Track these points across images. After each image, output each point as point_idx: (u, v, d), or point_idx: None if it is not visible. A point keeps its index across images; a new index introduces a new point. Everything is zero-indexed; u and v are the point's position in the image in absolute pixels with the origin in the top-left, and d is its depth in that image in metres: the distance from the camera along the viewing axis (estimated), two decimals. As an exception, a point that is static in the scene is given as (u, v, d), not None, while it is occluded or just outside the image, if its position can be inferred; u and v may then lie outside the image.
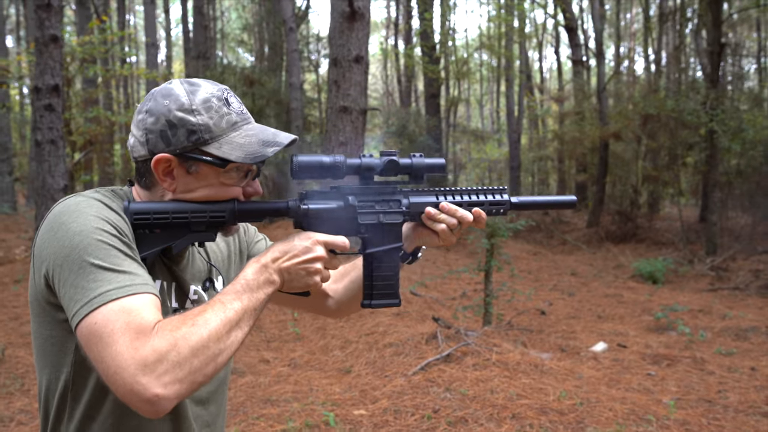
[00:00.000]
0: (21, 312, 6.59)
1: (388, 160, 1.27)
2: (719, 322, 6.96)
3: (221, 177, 1.23)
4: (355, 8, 8.60)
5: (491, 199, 1.37)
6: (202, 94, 1.22)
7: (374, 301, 1.32)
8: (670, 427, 3.99)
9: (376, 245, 1.30)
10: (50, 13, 8.19)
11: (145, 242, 1.18)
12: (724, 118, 11.41)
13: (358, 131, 9.00)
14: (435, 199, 1.34)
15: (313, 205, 1.25)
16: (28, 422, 4.17)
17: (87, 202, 1.14)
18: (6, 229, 14.53)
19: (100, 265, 1.05)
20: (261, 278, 1.14)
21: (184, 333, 1.01)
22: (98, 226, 1.09)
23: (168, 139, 1.20)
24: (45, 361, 1.21)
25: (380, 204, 1.29)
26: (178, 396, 0.99)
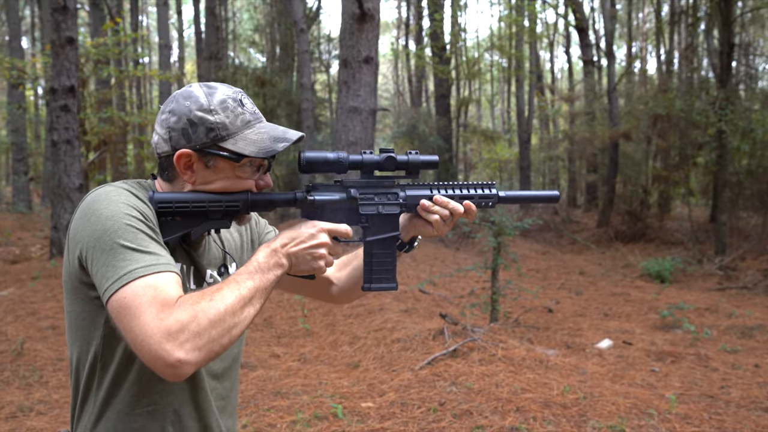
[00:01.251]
0: (38, 308, 6.75)
1: (387, 156, 1.40)
2: (725, 321, 7.01)
3: (236, 171, 1.36)
4: (365, 10, 8.72)
5: (480, 192, 1.49)
6: (219, 96, 1.36)
7: (373, 285, 1.45)
8: (671, 420, 4.06)
9: (376, 234, 1.43)
10: (66, 15, 8.38)
11: (167, 228, 1.32)
12: (732, 118, 11.42)
13: (367, 131, 9.12)
14: (429, 193, 1.46)
15: (318, 197, 1.38)
16: (46, 412, 4.31)
17: (116, 191, 1.27)
18: (22, 228, 14.77)
19: (128, 246, 1.18)
20: (271, 261, 1.27)
21: (203, 306, 1.14)
22: (127, 212, 1.22)
23: (189, 136, 1.33)
24: (76, 335, 1.34)
25: (379, 196, 1.42)
26: (197, 362, 1.12)
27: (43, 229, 14.40)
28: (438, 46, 17.23)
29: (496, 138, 21.93)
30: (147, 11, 36.56)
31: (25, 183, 17.84)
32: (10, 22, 17.49)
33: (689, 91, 14.59)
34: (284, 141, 1.36)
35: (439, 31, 17.65)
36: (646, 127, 14.65)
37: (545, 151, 24.11)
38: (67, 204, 8.58)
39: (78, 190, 8.68)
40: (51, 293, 7.35)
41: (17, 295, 7.32)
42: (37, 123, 25.70)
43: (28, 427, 4.05)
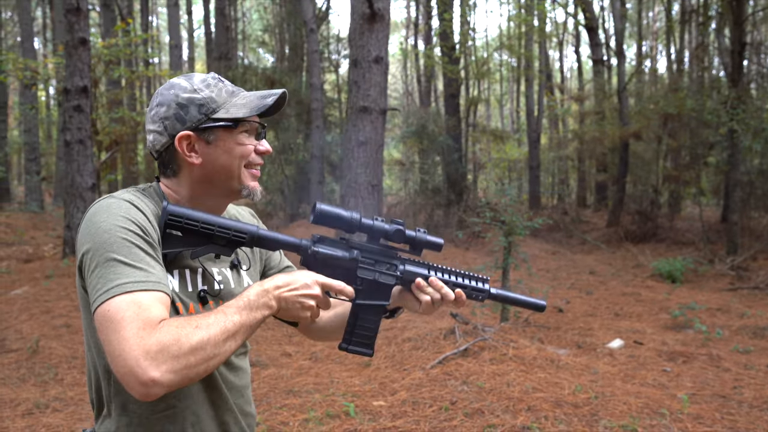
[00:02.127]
0: (52, 306, 6.82)
1: (397, 229, 1.43)
2: (737, 321, 6.99)
3: (235, 138, 1.40)
4: (375, 10, 8.74)
5: (473, 285, 1.51)
6: (198, 78, 1.42)
7: (351, 347, 1.48)
8: (683, 420, 4.06)
9: (366, 298, 1.45)
10: (79, 17, 8.45)
11: (171, 241, 1.34)
12: (744, 118, 11.36)
13: (377, 131, 9.13)
14: (426, 272, 1.48)
15: (322, 249, 1.41)
16: (62, 409, 4.36)
17: (117, 203, 1.29)
18: (34, 227, 14.89)
19: (121, 260, 1.20)
20: (261, 301, 1.28)
21: (187, 332, 1.15)
22: (124, 225, 1.24)
23: (183, 119, 1.37)
24: (91, 341, 1.36)
25: (379, 264, 1.45)
26: (170, 385, 1.13)
27: (56, 228, 14.52)
28: (447, 45, 17.22)
29: (506, 137, 21.89)
30: (157, 12, 36.74)
31: (37, 183, 17.99)
32: (23, 23, 17.63)
33: (700, 90, 14.52)
34: (270, 96, 1.41)
35: (449, 31, 17.64)
36: (657, 126, 14.60)
37: (555, 151, 24.05)
38: (80, 203, 8.66)
39: (91, 190, 8.76)
40: (64, 292, 7.42)
41: (31, 294, 7.40)
42: (48, 123, 25.89)
43: (45, 424, 4.10)
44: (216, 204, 1.47)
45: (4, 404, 4.42)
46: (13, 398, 4.52)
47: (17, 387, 4.78)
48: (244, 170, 1.43)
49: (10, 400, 4.48)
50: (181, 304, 1.35)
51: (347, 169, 9.27)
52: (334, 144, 16.57)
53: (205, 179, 1.41)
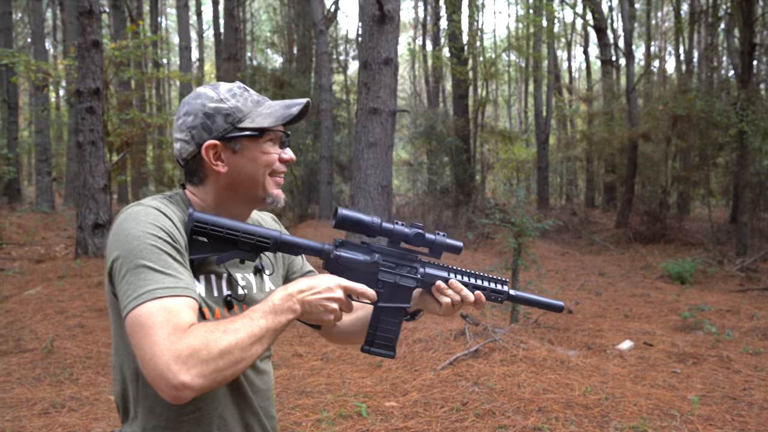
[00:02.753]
0: (66, 306, 6.89)
1: (417, 233, 1.46)
2: (747, 323, 6.99)
3: (261, 147, 1.44)
4: (385, 12, 8.77)
5: (492, 286, 1.54)
6: (224, 87, 1.46)
7: (373, 348, 1.51)
8: (693, 422, 4.08)
9: (387, 301, 1.48)
10: (92, 19, 8.53)
11: (198, 247, 1.38)
12: (754, 119, 11.34)
13: (387, 132, 9.17)
14: (446, 275, 1.51)
15: (344, 254, 1.45)
16: (78, 409, 4.42)
17: (146, 210, 1.33)
18: (46, 228, 15.00)
19: (150, 267, 1.24)
20: (285, 305, 1.31)
21: (216, 336, 1.19)
22: (153, 232, 1.28)
23: (209, 128, 1.41)
24: (119, 346, 1.39)
25: (400, 267, 1.48)
26: (200, 388, 1.16)
27: (67, 229, 14.63)
28: (456, 46, 17.24)
29: (514, 138, 21.88)
30: (166, 12, 36.91)
31: (48, 183, 18.12)
32: (34, 24, 17.78)
33: (710, 91, 14.48)
34: (294, 106, 1.45)
35: (458, 32, 17.66)
36: (666, 127, 14.57)
37: (563, 152, 24.02)
38: (92, 204, 8.74)
39: (102, 191, 8.83)
40: (77, 292, 7.49)
41: (45, 294, 7.47)
42: (58, 124, 26.06)
43: (61, 423, 4.16)
44: (240, 211, 1.50)
45: (20, 403, 4.48)
46: (29, 397, 4.59)
47: (33, 386, 4.84)
48: (269, 178, 1.47)
49: (27, 400, 4.55)
50: (207, 309, 1.38)
51: (357, 170, 9.31)
52: (342, 145, 16.63)
53: (230, 187, 1.45)
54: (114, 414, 4.39)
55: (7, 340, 5.84)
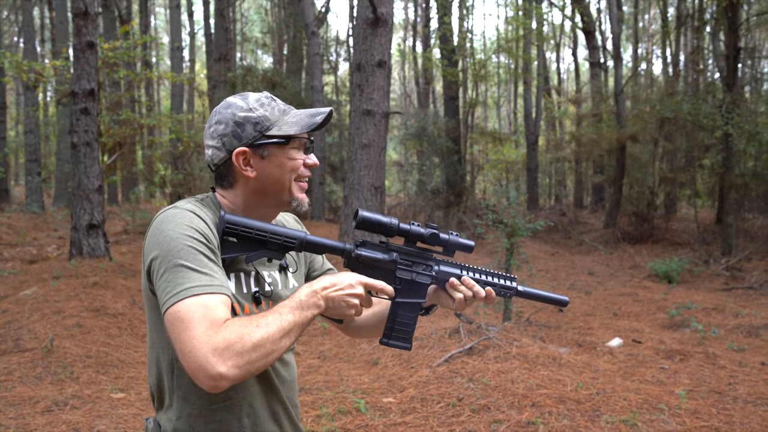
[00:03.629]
0: (62, 306, 6.93)
1: (432, 233, 1.57)
2: (732, 320, 7.16)
3: (287, 153, 1.53)
4: (378, 14, 8.89)
5: (502, 283, 1.66)
6: (253, 97, 1.56)
7: (391, 341, 1.62)
8: (681, 415, 4.23)
9: (405, 297, 1.59)
10: (87, 20, 8.56)
11: (228, 247, 1.48)
12: (739, 122, 11.56)
13: (380, 134, 9.29)
14: (459, 272, 1.62)
15: (364, 252, 1.56)
16: (80, 406, 4.50)
17: (182, 213, 1.43)
18: (36, 228, 14.96)
19: (188, 266, 1.34)
20: (311, 301, 1.42)
21: (249, 330, 1.29)
22: (189, 233, 1.38)
23: (239, 136, 1.52)
24: (156, 340, 1.51)
25: (416, 265, 1.59)
26: (235, 379, 1.27)
27: (57, 229, 14.60)
28: (447, 48, 17.38)
29: (504, 139, 22.07)
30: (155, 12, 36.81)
31: (38, 184, 18.06)
32: (24, 24, 17.73)
33: (696, 94, 14.72)
34: (320, 114, 1.54)
35: (449, 34, 17.80)
36: (653, 129, 14.79)
37: (552, 153, 24.24)
38: (87, 205, 8.77)
39: (97, 192, 8.87)
40: (74, 292, 7.53)
41: (40, 295, 7.50)
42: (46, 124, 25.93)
43: (65, 421, 4.23)
44: (267, 213, 1.60)
45: (23, 402, 4.55)
46: (31, 396, 4.66)
47: (35, 385, 4.91)
48: (294, 183, 1.57)
49: (29, 398, 4.61)
50: (237, 305, 1.48)
51: (350, 171, 9.42)
52: (334, 146, 16.71)
53: (258, 191, 1.55)
54: (116, 411, 4.48)
55: (6, 340, 5.89)
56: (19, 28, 24.64)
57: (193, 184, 13.77)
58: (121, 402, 4.65)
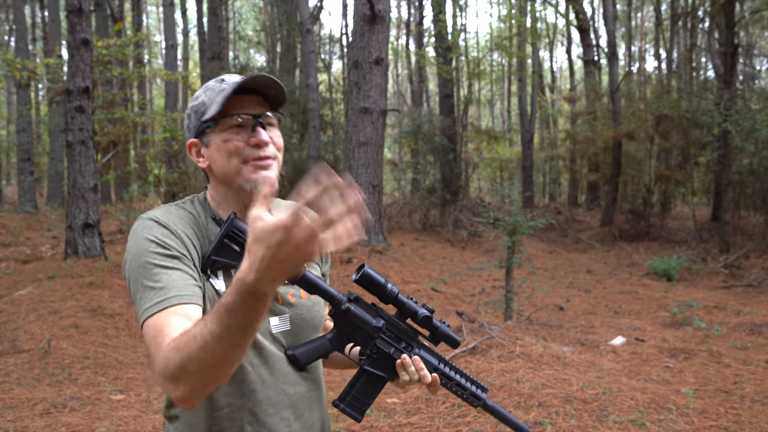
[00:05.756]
0: (59, 307, 6.84)
1: (425, 316, 1.47)
2: (734, 318, 7.14)
3: (221, 136, 1.40)
4: (375, 11, 8.83)
5: (472, 389, 1.55)
6: (208, 84, 1.46)
7: (342, 405, 1.50)
8: (689, 415, 4.19)
9: (375, 368, 1.48)
10: (81, 17, 8.46)
11: (226, 252, 1.39)
12: (737, 119, 11.56)
13: (378, 131, 9.23)
14: (437, 363, 1.52)
15: (354, 309, 1.44)
16: (80, 408, 4.42)
17: (142, 224, 1.37)
18: (29, 228, 14.82)
19: (145, 285, 1.29)
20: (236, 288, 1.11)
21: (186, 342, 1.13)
22: (145, 247, 1.32)
23: (189, 127, 1.46)
24: None
25: (399, 341, 1.49)
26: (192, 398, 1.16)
27: (51, 229, 14.47)
28: (442, 46, 17.34)
29: (499, 138, 22.06)
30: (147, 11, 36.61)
31: (31, 183, 17.91)
32: (17, 23, 17.56)
33: (693, 91, 14.74)
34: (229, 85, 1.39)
35: (444, 32, 17.76)
36: (649, 126, 14.80)
37: (547, 151, 24.25)
38: (82, 204, 8.67)
39: (92, 191, 8.77)
40: (70, 292, 7.44)
41: (36, 295, 7.40)
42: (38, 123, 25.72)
43: (64, 423, 4.16)
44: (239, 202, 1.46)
45: (21, 404, 4.47)
46: (29, 398, 4.57)
47: (33, 387, 4.83)
48: (243, 166, 1.40)
49: (27, 400, 4.53)
50: None
51: (347, 170, 9.35)
52: (330, 144, 16.64)
53: (219, 181, 1.46)
54: (116, 413, 4.40)
55: (2, 341, 5.79)
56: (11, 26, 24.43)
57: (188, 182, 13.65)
58: (121, 404, 4.58)
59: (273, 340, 1.45)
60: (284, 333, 1.47)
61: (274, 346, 1.45)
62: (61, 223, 13.97)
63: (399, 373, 1.47)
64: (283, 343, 1.47)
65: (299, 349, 1.46)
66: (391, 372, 1.48)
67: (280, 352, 1.45)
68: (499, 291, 7.31)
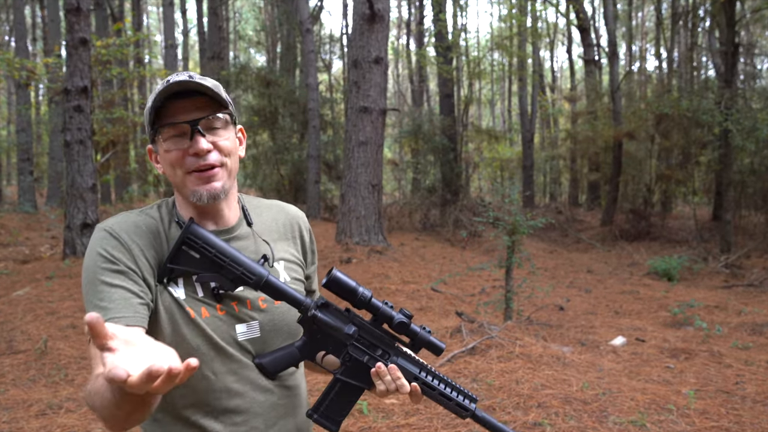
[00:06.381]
0: (56, 307, 6.82)
1: (401, 321, 1.36)
2: (735, 318, 7.10)
3: (163, 146, 1.33)
4: (375, 10, 8.79)
5: (459, 399, 1.43)
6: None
7: (316, 416, 1.41)
8: (690, 415, 4.15)
9: (350, 377, 1.40)
10: (80, 16, 8.44)
11: (184, 259, 1.33)
12: (738, 118, 11.52)
13: (377, 131, 9.19)
14: (417, 371, 1.41)
15: (321, 315, 1.36)
16: (76, 410, 4.38)
17: (95, 238, 1.32)
18: (29, 228, 14.80)
19: (92, 303, 1.25)
20: None
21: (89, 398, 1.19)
22: (95, 262, 1.28)
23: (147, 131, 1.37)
24: None
25: (374, 348, 1.40)
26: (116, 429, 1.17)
27: (50, 229, 14.45)
28: (442, 46, 17.30)
29: (500, 137, 22.02)
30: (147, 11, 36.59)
31: (31, 183, 17.89)
32: (16, 23, 17.55)
33: (694, 90, 14.71)
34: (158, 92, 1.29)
35: (444, 32, 17.73)
36: (650, 126, 14.76)
37: (547, 151, 24.21)
38: (80, 204, 8.65)
39: (91, 190, 8.75)
40: (68, 293, 7.42)
41: (34, 295, 7.38)
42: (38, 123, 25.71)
43: (59, 425, 4.12)
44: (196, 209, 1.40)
45: (17, 405, 4.43)
46: (25, 399, 4.54)
47: (28, 388, 4.79)
48: (187, 176, 1.34)
49: (23, 401, 4.50)
50: (191, 309, 1.33)
51: (347, 169, 9.32)
52: (329, 144, 16.61)
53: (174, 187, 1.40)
54: (112, 414, 4.36)
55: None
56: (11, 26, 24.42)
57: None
58: (118, 405, 4.54)
59: (240, 348, 1.38)
60: (252, 340, 1.39)
61: (241, 354, 1.38)
62: (61, 223, 13.95)
63: (375, 382, 1.38)
64: (251, 350, 1.39)
65: (266, 358, 1.39)
66: (366, 381, 1.39)
67: (249, 360, 1.39)
68: (499, 291, 7.28)
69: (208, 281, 1.34)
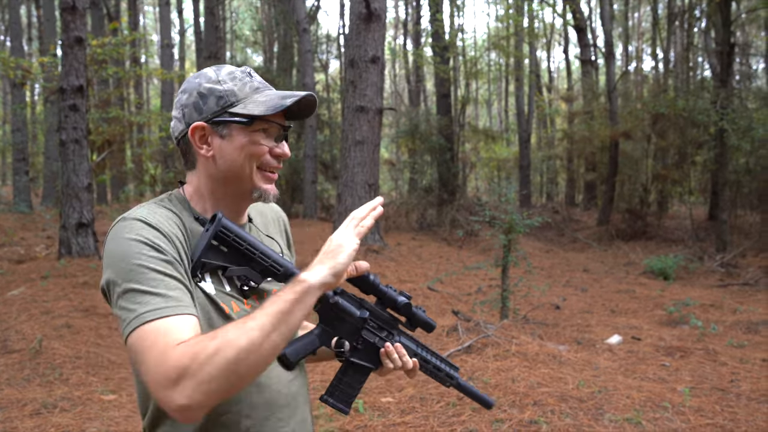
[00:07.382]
0: (51, 307, 6.79)
1: (406, 303, 1.48)
2: (730, 317, 7.12)
3: (250, 136, 1.36)
4: (372, 10, 8.79)
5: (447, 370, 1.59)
6: (227, 69, 1.39)
7: (330, 399, 1.48)
8: (685, 413, 4.16)
9: (361, 359, 1.48)
10: (75, 15, 8.41)
11: (214, 252, 1.34)
12: (734, 117, 11.55)
13: (374, 130, 9.19)
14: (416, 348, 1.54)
15: (341, 301, 1.43)
16: (70, 409, 4.37)
17: (129, 225, 1.26)
18: (24, 228, 14.75)
19: (138, 289, 1.18)
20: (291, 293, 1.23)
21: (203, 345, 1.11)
22: (136, 250, 1.22)
23: (200, 108, 1.35)
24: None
25: (382, 331, 1.50)
26: (201, 406, 1.10)
27: (45, 229, 14.40)
28: (439, 46, 17.30)
29: (497, 137, 22.03)
30: (144, 11, 36.55)
31: (26, 183, 17.84)
32: (12, 22, 17.50)
33: (690, 90, 14.74)
34: (291, 97, 1.36)
35: (441, 32, 17.73)
36: (646, 126, 14.79)
37: (544, 150, 24.24)
38: (76, 203, 8.62)
39: (86, 190, 8.73)
40: (62, 292, 7.39)
41: (29, 295, 7.36)
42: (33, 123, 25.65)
43: (54, 424, 4.11)
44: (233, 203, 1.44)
45: (11, 404, 4.42)
46: (19, 398, 4.52)
47: (23, 387, 4.78)
48: (257, 171, 1.39)
49: (17, 401, 4.48)
50: (225, 305, 1.33)
51: (344, 169, 9.31)
52: (326, 143, 16.60)
53: (218, 175, 1.39)
54: (107, 413, 4.35)
55: (-7, 341, 5.75)
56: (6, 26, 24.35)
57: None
58: (112, 404, 4.53)
59: None
60: None
61: None
62: (56, 222, 13.92)
63: (383, 361, 1.48)
64: None
65: (288, 348, 1.40)
66: (375, 361, 1.49)
67: None
68: (496, 290, 7.28)
69: (235, 275, 1.37)
